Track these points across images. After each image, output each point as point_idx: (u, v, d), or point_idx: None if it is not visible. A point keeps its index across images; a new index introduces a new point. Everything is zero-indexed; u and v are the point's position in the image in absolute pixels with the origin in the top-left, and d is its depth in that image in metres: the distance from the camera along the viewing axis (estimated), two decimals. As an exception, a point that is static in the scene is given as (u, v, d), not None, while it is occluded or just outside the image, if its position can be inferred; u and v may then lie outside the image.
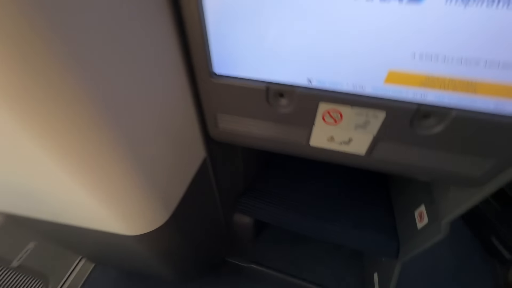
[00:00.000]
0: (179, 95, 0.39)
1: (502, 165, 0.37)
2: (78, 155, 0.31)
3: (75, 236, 0.56)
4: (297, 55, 0.33)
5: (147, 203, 0.41)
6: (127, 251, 0.56)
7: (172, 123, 0.39)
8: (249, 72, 0.37)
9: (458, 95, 0.32)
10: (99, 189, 0.35)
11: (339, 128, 0.39)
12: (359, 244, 0.70)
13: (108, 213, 0.40)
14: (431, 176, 0.43)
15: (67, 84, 0.23)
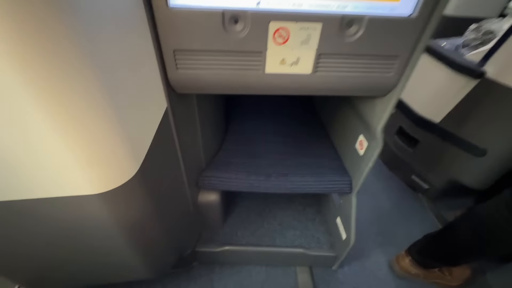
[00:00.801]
0: (141, 29, 0.40)
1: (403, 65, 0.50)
2: (57, 93, 0.29)
3: (28, 228, 0.46)
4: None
5: (117, 145, 0.38)
6: (89, 231, 0.49)
7: (137, 64, 0.39)
8: (204, 1, 0.41)
9: (365, 3, 0.43)
10: (75, 129, 0.33)
11: (288, 47, 0.46)
12: (319, 187, 0.78)
13: (81, 159, 0.36)
14: (360, 90, 0.54)
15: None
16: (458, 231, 0.77)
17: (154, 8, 0.40)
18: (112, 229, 0.48)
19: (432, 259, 0.86)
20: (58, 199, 0.42)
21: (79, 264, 0.60)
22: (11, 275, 0.60)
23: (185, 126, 0.62)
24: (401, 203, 1.19)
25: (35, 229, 0.48)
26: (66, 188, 0.40)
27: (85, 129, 0.34)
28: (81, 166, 0.37)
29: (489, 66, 0.88)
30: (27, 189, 0.40)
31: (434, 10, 0.43)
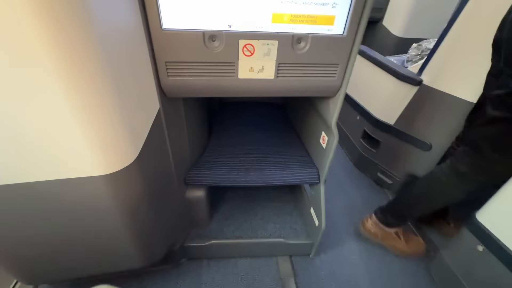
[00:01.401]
0: (141, 45, 0.52)
1: (343, 72, 0.65)
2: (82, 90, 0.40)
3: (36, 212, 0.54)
4: (219, 11, 0.54)
5: (122, 133, 0.49)
6: (92, 213, 0.57)
7: (138, 72, 0.51)
8: (189, 25, 0.55)
9: (309, 26, 0.58)
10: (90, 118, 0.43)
11: (254, 58, 0.60)
12: (291, 179, 0.90)
13: (88, 142, 0.46)
14: (314, 91, 0.69)
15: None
16: (411, 189, 0.97)
17: (151, 30, 0.53)
18: (113, 210, 0.57)
19: (391, 215, 1.03)
20: (70, 180, 0.51)
21: (77, 251, 0.66)
22: (12, 265, 0.65)
23: (174, 127, 0.73)
24: (370, 198, 1.33)
25: (44, 212, 0.56)
26: (78, 170, 0.49)
27: (98, 119, 0.45)
28: (93, 149, 0.47)
29: (424, 76, 1.08)
30: (43, 171, 0.49)
31: (358, 30, 0.60)
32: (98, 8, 0.38)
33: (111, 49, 0.42)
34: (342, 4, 0.57)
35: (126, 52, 0.48)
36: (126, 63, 0.47)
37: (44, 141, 0.44)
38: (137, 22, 0.50)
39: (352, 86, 1.56)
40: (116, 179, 0.53)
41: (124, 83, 0.47)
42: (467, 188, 0.82)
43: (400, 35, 1.83)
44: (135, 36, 0.50)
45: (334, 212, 1.23)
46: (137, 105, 0.53)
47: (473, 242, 0.82)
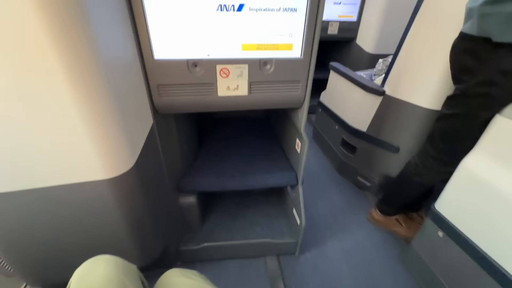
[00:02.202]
0: (137, 72, 0.66)
1: (305, 86, 0.79)
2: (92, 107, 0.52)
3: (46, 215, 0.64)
4: (199, 44, 0.68)
5: (122, 143, 0.61)
6: (96, 214, 0.67)
7: (134, 93, 0.64)
8: (176, 55, 0.69)
9: (272, 51, 0.73)
10: (97, 128, 0.55)
11: (230, 79, 0.74)
12: (273, 182, 1.01)
13: (95, 150, 0.57)
14: (283, 104, 0.83)
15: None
16: (393, 182, 1.18)
17: (145, 59, 0.67)
18: (115, 210, 0.67)
19: (385, 205, 1.22)
20: (79, 184, 0.61)
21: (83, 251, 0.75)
22: (22, 268, 0.73)
23: (167, 139, 0.85)
24: (351, 201, 1.44)
25: (54, 216, 0.65)
26: (86, 174, 0.60)
27: (103, 129, 0.56)
28: (99, 155, 0.58)
29: (386, 87, 1.24)
30: (55, 177, 0.59)
31: (312, 53, 0.75)
32: (102, 41, 0.50)
33: (113, 73, 0.55)
34: (296, 35, 0.72)
35: (125, 77, 0.61)
36: (125, 85, 0.60)
37: (57, 149, 0.55)
38: (133, 53, 0.64)
39: (330, 99, 1.72)
40: (118, 182, 0.64)
41: (124, 101, 0.59)
42: (431, 177, 0.97)
43: (371, 51, 2.03)
44: (132, 64, 0.64)
45: (318, 214, 1.34)
46: (134, 119, 0.65)
47: (434, 229, 0.93)
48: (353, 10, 2.07)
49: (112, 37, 0.54)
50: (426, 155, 0.99)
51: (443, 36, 0.96)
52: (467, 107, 0.81)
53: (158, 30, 0.65)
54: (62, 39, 0.44)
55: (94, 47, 0.49)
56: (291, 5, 0.67)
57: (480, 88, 0.74)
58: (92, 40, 0.48)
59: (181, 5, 0.63)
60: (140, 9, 0.61)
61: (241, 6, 0.65)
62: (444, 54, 0.96)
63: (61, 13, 0.43)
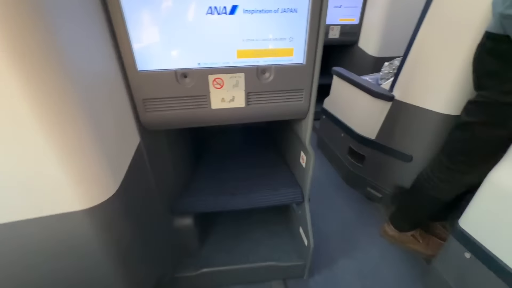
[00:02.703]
0: (118, 86, 0.58)
1: (309, 95, 0.71)
2: (60, 127, 0.44)
3: (15, 253, 0.55)
4: (188, 52, 0.60)
5: (101, 167, 0.53)
6: (73, 248, 0.58)
7: (115, 109, 0.57)
8: (162, 65, 0.61)
9: (271, 58, 0.65)
10: (68, 153, 0.47)
11: (224, 90, 0.66)
12: (276, 200, 0.92)
13: (68, 178, 0.49)
14: (285, 115, 0.75)
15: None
16: (405, 195, 1.10)
17: (127, 72, 0.60)
18: (96, 243, 0.59)
19: (400, 221, 1.11)
20: (49, 217, 0.53)
21: None
22: None
23: (157, 157, 0.77)
24: (362, 213, 1.34)
25: (23, 253, 0.57)
26: (57, 206, 0.52)
27: (75, 154, 0.48)
28: (72, 184, 0.50)
29: (395, 91, 1.15)
30: (20, 210, 0.51)
31: (316, 58, 0.66)
32: (71, 53, 0.43)
33: (87, 90, 0.47)
34: (298, 38, 0.64)
35: (104, 93, 0.53)
36: (103, 102, 0.52)
37: (23, 178, 0.47)
38: (113, 65, 0.56)
39: (335, 105, 1.63)
40: (98, 212, 0.56)
41: (101, 120, 0.51)
42: (448, 191, 0.88)
43: (375, 55, 1.95)
44: (112, 78, 0.56)
45: (327, 230, 1.23)
46: (116, 139, 0.57)
47: (460, 249, 0.82)
48: (355, 13, 2.00)
49: (85, 48, 0.47)
50: (440, 166, 0.90)
51: (457, 36, 0.88)
52: (493, 116, 0.72)
53: (141, 38, 0.57)
54: (18, 52, 0.37)
55: (60, 61, 0.42)
56: (291, 6, 0.60)
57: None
58: (57, 52, 0.41)
59: (166, 10, 0.56)
60: (119, 15, 0.54)
61: (234, 8, 0.58)
62: (458, 55, 0.88)
63: (15, 19, 0.36)
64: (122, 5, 0.53)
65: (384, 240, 1.18)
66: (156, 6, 0.56)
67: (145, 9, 0.55)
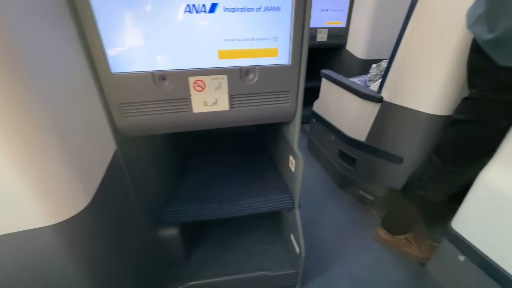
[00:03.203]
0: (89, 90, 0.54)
1: (295, 96, 0.68)
2: (15, 133, 0.40)
3: None
4: (165, 53, 0.57)
5: (69, 179, 0.48)
6: (42, 267, 0.53)
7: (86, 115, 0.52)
8: (138, 67, 0.57)
9: (255, 58, 0.62)
10: (29, 164, 0.42)
11: (206, 93, 0.62)
12: (266, 207, 0.88)
13: (31, 192, 0.44)
14: (271, 118, 0.71)
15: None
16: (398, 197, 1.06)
17: (100, 75, 0.55)
18: (68, 259, 0.53)
19: (392, 224, 1.10)
20: (12, 235, 0.48)
21: None
22: None
23: (137, 165, 0.73)
24: (354, 217, 1.31)
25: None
26: (21, 222, 0.47)
27: (39, 167, 0.44)
28: (37, 199, 0.46)
29: (384, 93, 1.14)
30: None
31: (301, 58, 0.64)
32: (33, 54, 0.39)
33: (52, 94, 0.43)
34: (282, 38, 0.61)
35: (72, 97, 0.49)
36: (72, 108, 0.48)
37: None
38: (82, 67, 0.52)
39: (324, 108, 1.62)
40: (68, 227, 0.51)
41: (69, 128, 0.47)
42: (438, 191, 0.86)
43: (363, 57, 1.96)
44: (82, 81, 0.52)
45: (319, 235, 1.20)
46: (87, 148, 0.52)
47: (454, 252, 0.80)
48: (342, 16, 2.01)
49: (47, 49, 0.43)
50: (431, 166, 0.89)
51: (442, 37, 0.88)
52: (481, 114, 0.72)
53: (114, 38, 0.54)
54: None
55: (17, 62, 0.37)
56: (274, 4, 0.57)
57: (503, 94, 0.65)
58: (14, 53, 0.37)
59: (141, 6, 0.52)
60: (88, 12, 0.50)
61: (214, 6, 0.55)
62: (444, 55, 0.88)
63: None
64: (91, 1, 0.49)
65: (377, 244, 1.16)
66: (130, 2, 0.52)
67: (117, 6, 0.52)
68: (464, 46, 0.82)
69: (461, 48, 0.82)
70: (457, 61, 0.85)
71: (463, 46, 0.82)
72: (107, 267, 0.61)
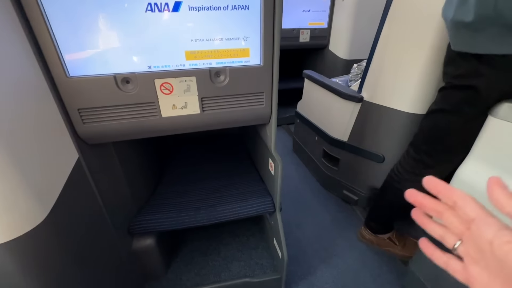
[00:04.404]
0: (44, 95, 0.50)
1: (270, 98, 0.66)
2: None
3: None
4: (128, 54, 0.53)
5: (19, 194, 0.44)
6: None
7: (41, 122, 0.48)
8: (98, 70, 0.54)
9: (225, 59, 0.60)
10: None
11: (175, 96, 0.59)
12: (246, 212, 0.86)
13: None
14: (245, 121, 0.69)
15: None
16: (377, 196, 1.08)
17: (55, 78, 0.51)
18: (23, 279, 0.49)
19: (374, 223, 1.09)
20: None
21: None
22: None
23: (105, 174, 0.68)
24: (339, 218, 1.31)
25: None
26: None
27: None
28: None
29: (364, 92, 1.14)
30: None
31: (273, 59, 0.62)
32: None
33: None
34: (253, 38, 0.59)
35: (21, 105, 0.44)
36: (21, 116, 0.44)
37: None
38: (35, 72, 0.48)
39: (307, 109, 1.61)
40: (21, 244, 0.46)
41: (18, 138, 0.43)
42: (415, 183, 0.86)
43: (345, 57, 1.97)
44: (34, 87, 0.48)
45: (304, 237, 1.19)
46: (42, 158, 0.48)
47: (434, 250, 0.80)
48: (323, 17, 2.02)
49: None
50: (407, 159, 0.89)
51: (417, 35, 0.88)
52: (451, 102, 0.73)
53: (69, 39, 0.50)
54: None
55: None
56: (241, 2, 0.55)
57: (465, 79, 0.66)
58: None
59: (99, 4, 0.49)
60: (37, 10, 0.46)
61: (178, 5, 0.52)
62: (420, 54, 0.88)
63: None
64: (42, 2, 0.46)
65: (361, 244, 1.15)
66: (86, 1, 0.48)
67: (71, 3, 0.48)
68: (438, 45, 0.82)
69: (436, 47, 0.83)
70: (433, 60, 0.85)
71: (437, 45, 0.82)
72: (70, 286, 0.57)
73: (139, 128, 0.61)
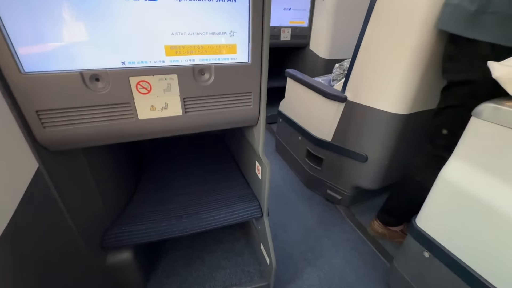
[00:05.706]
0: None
1: (258, 98, 0.62)
2: None
3: None
4: (100, 49, 0.46)
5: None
6: None
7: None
8: (61, 65, 0.46)
9: (210, 56, 0.54)
10: None
11: (153, 96, 0.53)
12: (232, 218, 0.81)
13: None
14: (231, 123, 0.64)
15: None
16: (395, 189, 1.09)
17: (6, 75, 0.43)
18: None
19: (388, 216, 1.12)
20: None
21: None
22: None
23: (72, 183, 0.60)
24: (323, 217, 1.30)
25: None
26: None
27: None
28: None
29: (347, 92, 1.14)
30: None
31: (262, 56, 0.58)
32: None
33: None
34: (240, 33, 0.54)
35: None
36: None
37: None
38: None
39: (290, 108, 1.59)
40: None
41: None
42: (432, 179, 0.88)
43: (326, 57, 1.98)
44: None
45: (290, 240, 1.16)
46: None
47: (419, 249, 0.81)
48: (304, 16, 2.01)
49: None
50: (425, 154, 0.93)
51: (400, 36, 0.88)
52: (455, 98, 0.78)
53: (25, 30, 0.42)
54: None
55: None
56: (228, -7, 0.50)
57: (464, 74, 0.72)
58: None
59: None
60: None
61: (156, -7, 0.46)
62: (402, 54, 0.89)
63: None
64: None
65: (345, 243, 1.15)
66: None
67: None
68: (421, 46, 0.83)
69: (418, 48, 0.84)
70: (415, 60, 0.86)
71: (420, 46, 0.83)
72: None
73: (112, 132, 0.54)
